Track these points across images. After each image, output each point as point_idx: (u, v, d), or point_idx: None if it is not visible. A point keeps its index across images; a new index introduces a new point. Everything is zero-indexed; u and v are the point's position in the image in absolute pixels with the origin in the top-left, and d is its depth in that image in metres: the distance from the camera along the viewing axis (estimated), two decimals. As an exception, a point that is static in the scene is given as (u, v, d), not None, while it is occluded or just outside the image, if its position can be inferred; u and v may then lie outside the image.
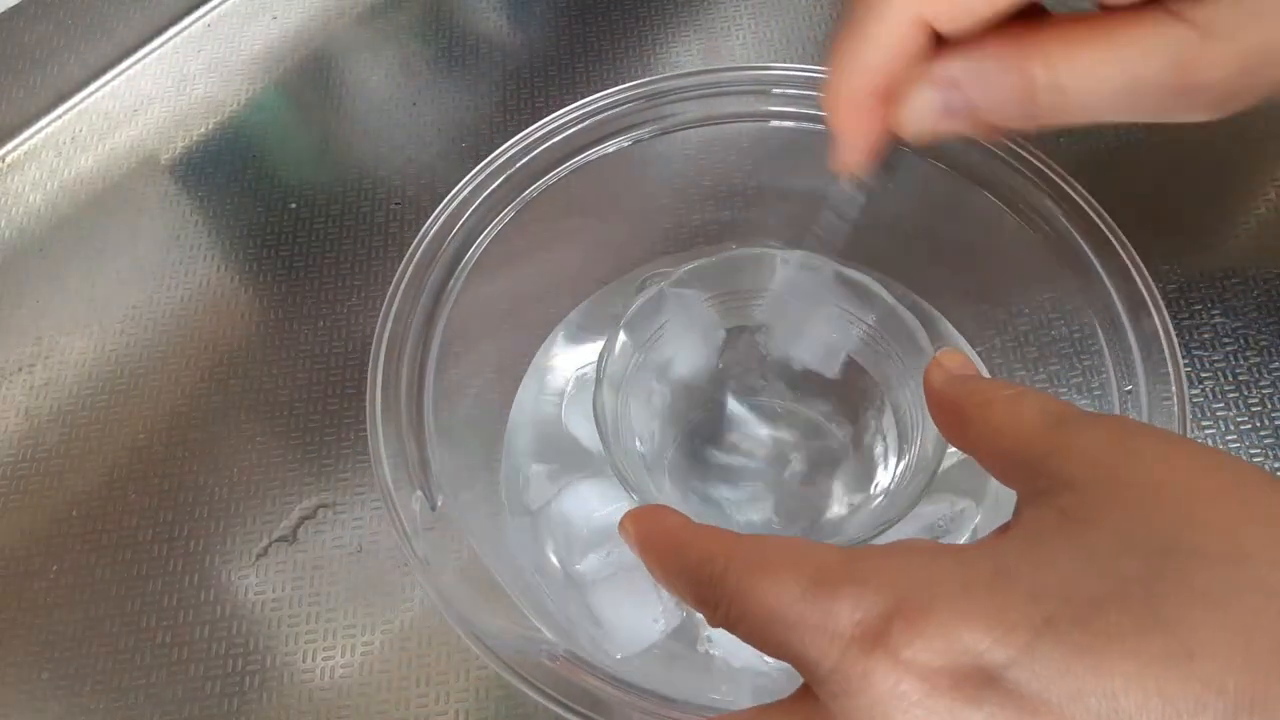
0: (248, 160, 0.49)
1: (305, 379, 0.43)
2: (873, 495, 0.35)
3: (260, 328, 0.44)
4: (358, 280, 0.45)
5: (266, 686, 0.36)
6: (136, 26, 0.53)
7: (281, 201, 0.48)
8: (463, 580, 0.28)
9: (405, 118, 0.50)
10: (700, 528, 0.22)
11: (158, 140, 0.50)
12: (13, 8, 0.47)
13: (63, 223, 0.48)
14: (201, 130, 0.51)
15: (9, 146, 0.50)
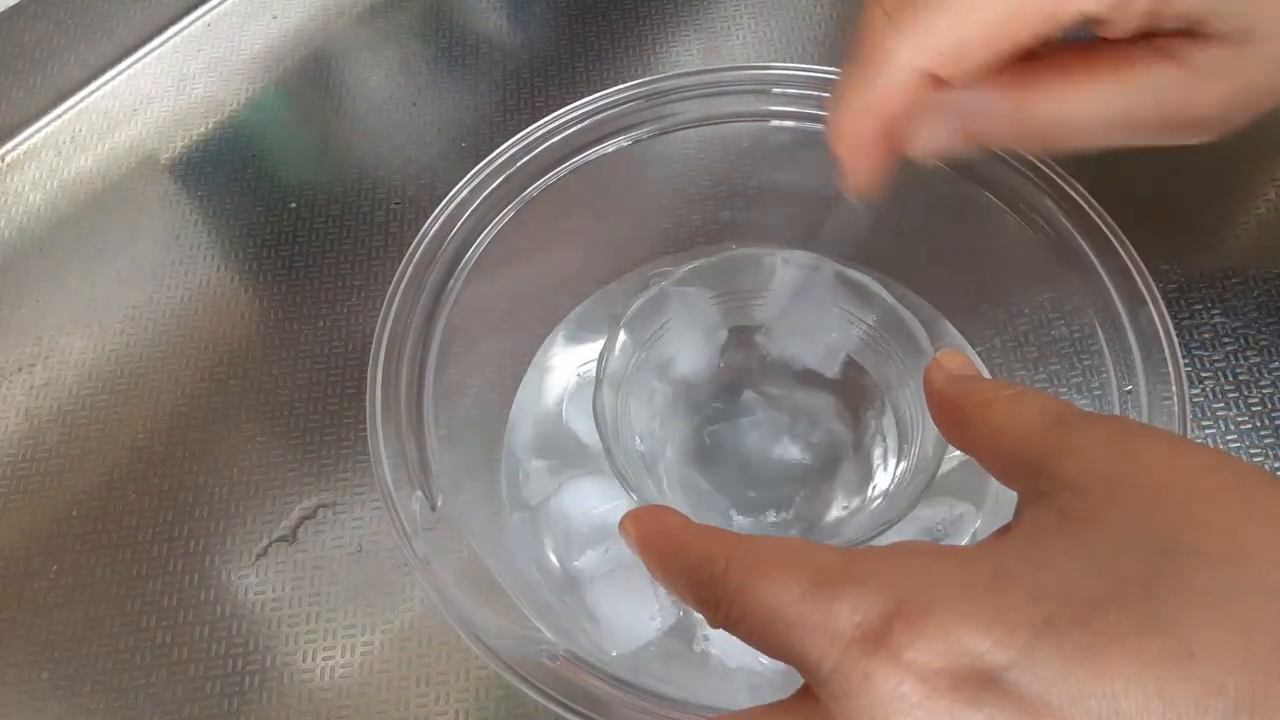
0: (248, 160, 0.49)
1: (305, 379, 0.43)
2: (872, 496, 0.35)
3: (260, 328, 0.44)
4: (358, 280, 0.45)
5: (266, 686, 0.36)
6: (136, 26, 0.53)
7: (281, 201, 0.48)
8: (463, 580, 0.28)
9: (405, 118, 0.50)
10: (700, 528, 0.22)
11: (158, 140, 0.50)
12: (13, 8, 0.47)
13: (63, 223, 0.48)
14: (201, 130, 0.51)
15: (9, 146, 0.50)
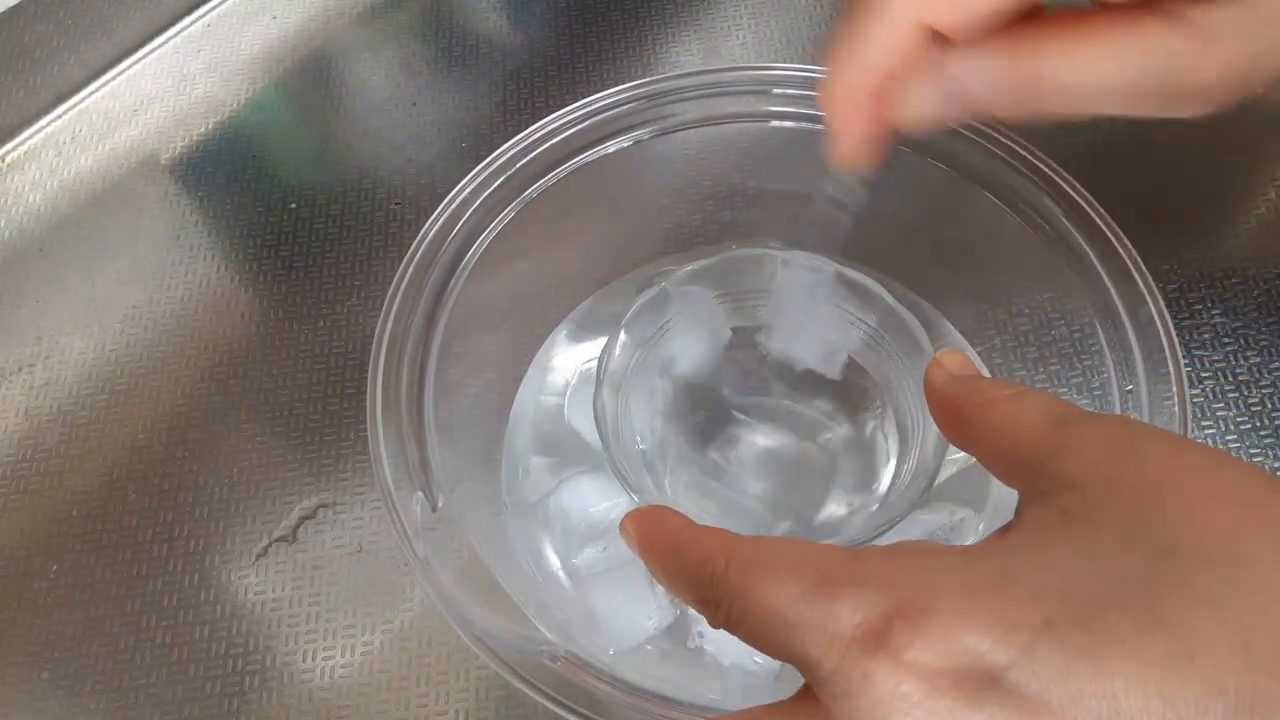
0: (248, 160, 0.49)
1: (305, 379, 0.43)
2: (873, 496, 0.35)
3: (260, 328, 0.44)
4: (358, 280, 0.45)
5: (266, 686, 0.36)
6: (136, 26, 0.53)
7: (281, 201, 0.48)
8: (463, 580, 0.28)
9: (405, 118, 0.50)
10: (701, 528, 0.22)
11: (158, 140, 0.50)
12: (13, 8, 0.47)
13: (63, 223, 0.48)
14: (201, 130, 0.51)
15: (9, 146, 0.50)
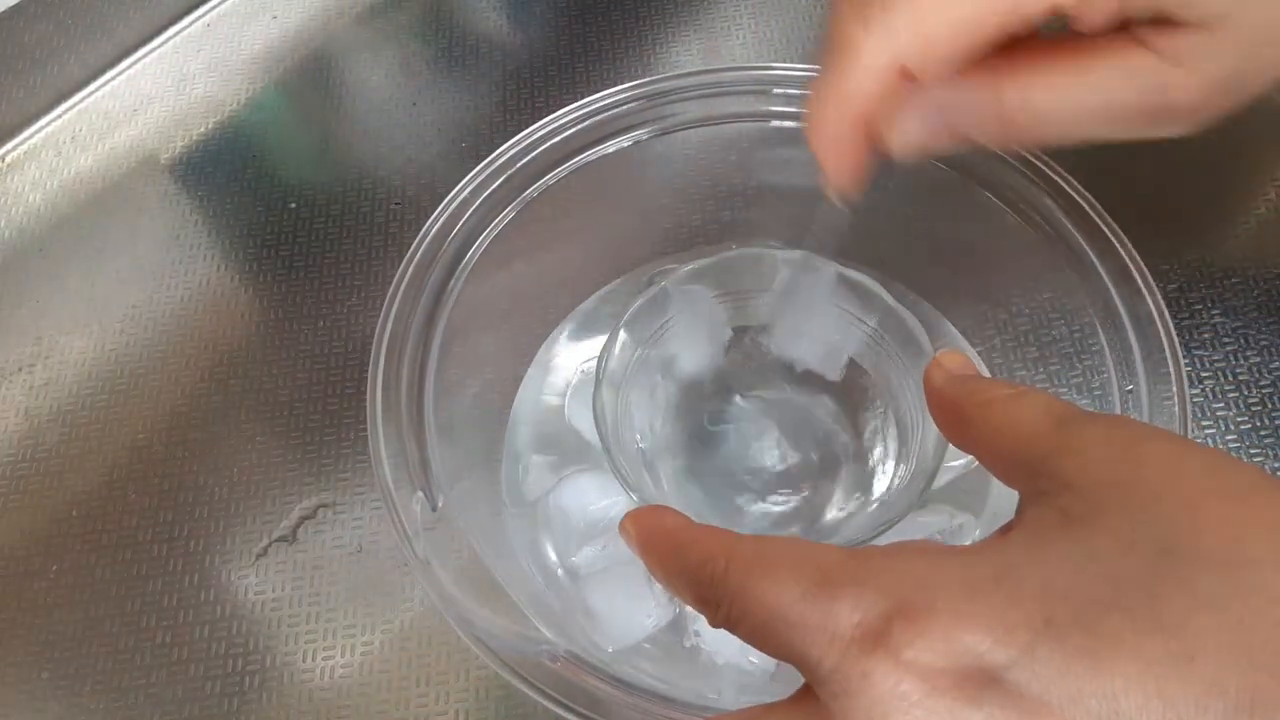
0: (248, 160, 0.49)
1: (305, 379, 0.43)
2: (872, 496, 0.35)
3: (260, 328, 0.44)
4: (358, 280, 0.45)
5: (266, 686, 0.36)
6: (136, 26, 0.53)
7: (281, 201, 0.48)
8: (463, 580, 0.28)
9: (405, 118, 0.50)
10: (701, 528, 0.22)
11: (158, 140, 0.50)
12: (13, 8, 0.47)
13: (63, 223, 0.48)
14: (201, 130, 0.51)
15: (9, 146, 0.50)
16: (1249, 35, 0.22)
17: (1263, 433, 0.39)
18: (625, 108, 0.36)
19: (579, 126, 0.35)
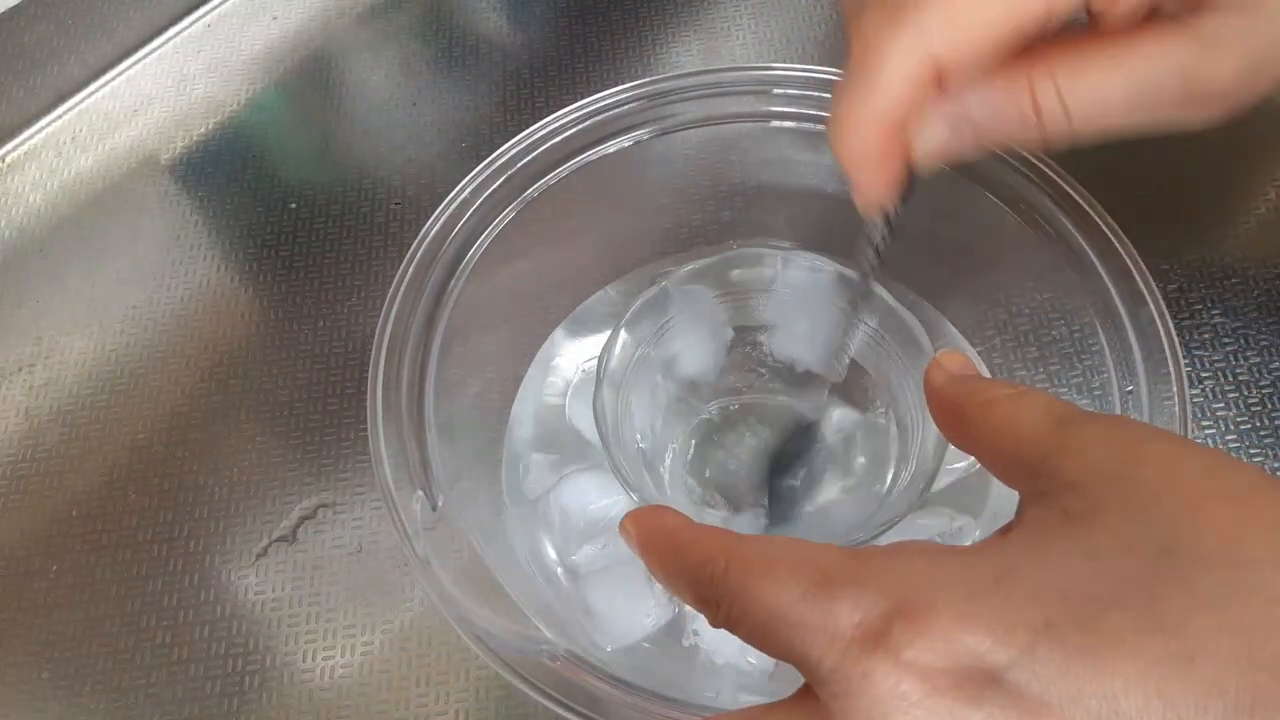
0: (248, 160, 0.49)
1: (305, 379, 0.43)
2: (872, 496, 0.35)
3: (260, 328, 0.44)
4: (358, 280, 0.45)
5: (266, 686, 0.36)
6: (136, 26, 0.53)
7: (281, 201, 0.48)
8: (463, 580, 0.28)
9: (405, 118, 0.50)
10: (701, 528, 0.22)
11: (158, 140, 0.50)
12: (13, 8, 0.47)
13: (63, 223, 0.48)
14: (201, 130, 0.51)
15: (9, 146, 0.50)
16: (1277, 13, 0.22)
17: (1263, 433, 0.39)
18: (625, 108, 0.36)
19: (579, 126, 0.36)
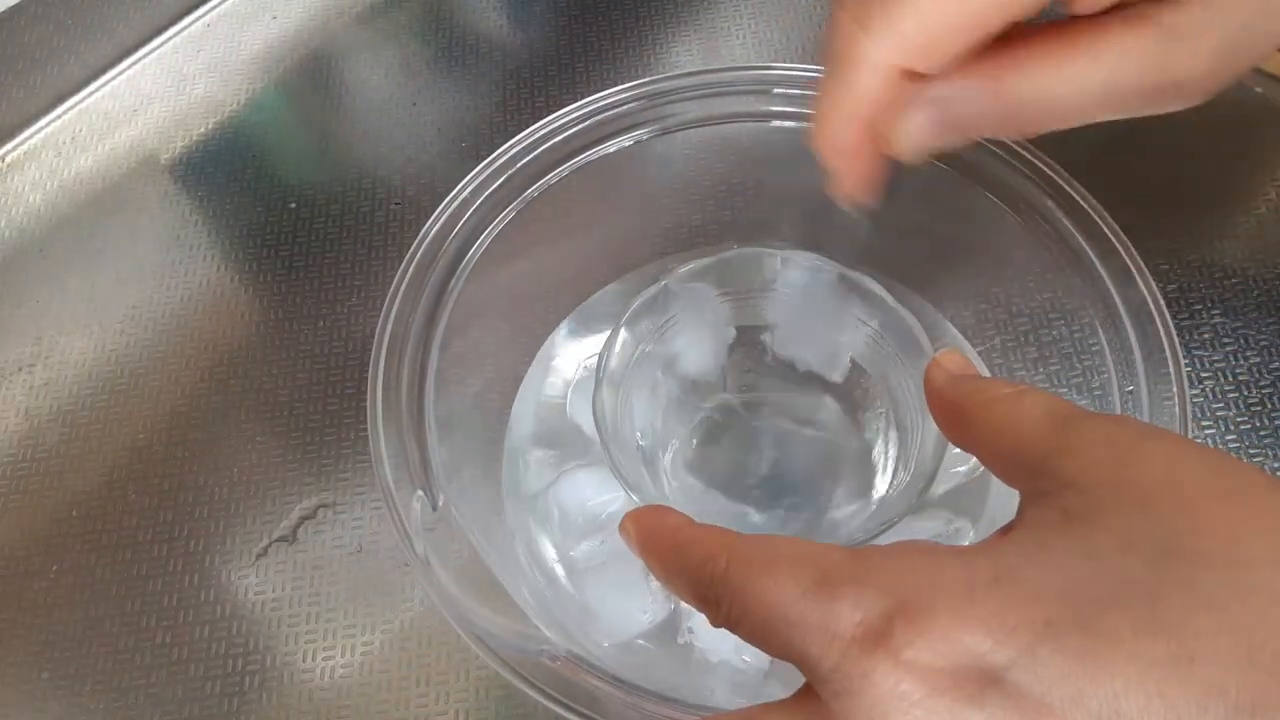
0: (248, 160, 0.49)
1: (305, 379, 0.43)
2: (872, 496, 0.35)
3: (260, 328, 0.44)
4: (358, 280, 0.45)
5: (266, 686, 0.36)
6: (136, 26, 0.53)
7: (281, 201, 0.48)
8: (463, 580, 0.28)
9: (405, 118, 0.50)
10: (701, 527, 0.22)
11: (158, 140, 0.50)
12: (13, 8, 0.47)
13: (63, 223, 0.48)
14: (201, 130, 0.51)
15: (9, 146, 0.50)
16: (1248, 3, 0.22)
17: (1263, 433, 0.39)
18: (626, 108, 0.36)
19: (579, 126, 0.35)
